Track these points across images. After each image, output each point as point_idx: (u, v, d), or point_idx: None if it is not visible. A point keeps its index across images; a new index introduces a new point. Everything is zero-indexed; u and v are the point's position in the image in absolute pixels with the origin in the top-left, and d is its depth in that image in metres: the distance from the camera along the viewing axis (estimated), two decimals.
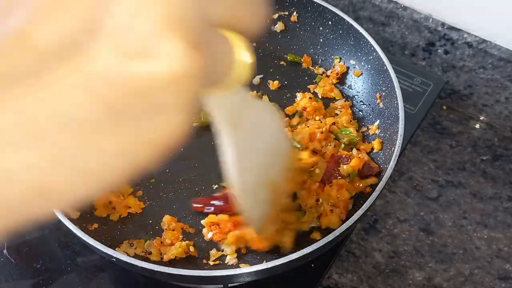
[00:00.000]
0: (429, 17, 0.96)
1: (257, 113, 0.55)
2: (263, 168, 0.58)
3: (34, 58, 0.21)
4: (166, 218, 0.71)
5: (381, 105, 0.80)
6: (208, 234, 0.69)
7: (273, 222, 0.64)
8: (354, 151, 0.76)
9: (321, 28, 0.89)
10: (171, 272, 0.58)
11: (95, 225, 0.69)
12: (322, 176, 0.74)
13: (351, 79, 0.87)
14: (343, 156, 0.75)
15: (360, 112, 0.84)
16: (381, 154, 0.75)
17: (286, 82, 0.89)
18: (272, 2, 0.91)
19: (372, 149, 0.77)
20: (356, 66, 0.86)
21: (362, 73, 0.85)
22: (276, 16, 0.92)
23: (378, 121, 0.79)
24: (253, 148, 0.54)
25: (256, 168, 0.56)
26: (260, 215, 0.60)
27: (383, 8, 0.99)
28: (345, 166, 0.73)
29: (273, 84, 0.88)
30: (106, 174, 0.24)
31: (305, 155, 0.75)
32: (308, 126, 0.78)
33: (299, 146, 0.76)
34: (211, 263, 0.68)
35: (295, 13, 0.90)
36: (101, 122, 0.22)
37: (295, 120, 0.82)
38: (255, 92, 0.86)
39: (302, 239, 0.70)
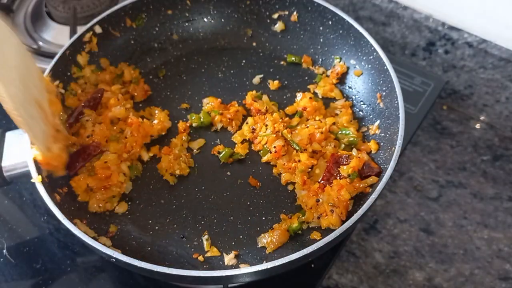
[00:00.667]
0: (429, 17, 0.96)
1: None
2: (21, 82, 0.64)
3: None
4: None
5: (381, 105, 0.80)
6: None
7: (55, 141, 0.70)
8: (354, 151, 0.76)
9: (321, 28, 0.89)
10: (170, 272, 0.58)
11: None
12: (322, 177, 0.74)
13: (351, 79, 0.86)
14: (343, 156, 0.75)
15: (361, 112, 0.84)
16: (382, 154, 0.75)
17: (286, 82, 0.89)
18: (273, 1, 0.91)
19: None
20: (357, 66, 0.86)
21: (362, 73, 0.85)
22: (276, 16, 0.92)
23: (378, 121, 0.79)
24: (3, 63, 0.61)
25: (15, 81, 0.62)
26: (39, 132, 0.66)
27: (383, 8, 0.99)
28: (345, 167, 0.73)
29: (273, 84, 0.88)
30: None
31: (304, 157, 0.75)
32: (307, 127, 0.78)
33: (297, 148, 0.76)
34: (201, 258, 0.69)
35: (295, 13, 0.90)
36: None
37: (295, 120, 0.81)
38: (254, 91, 0.86)
39: (302, 239, 0.70)
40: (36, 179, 0.65)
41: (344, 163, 0.74)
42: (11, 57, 0.64)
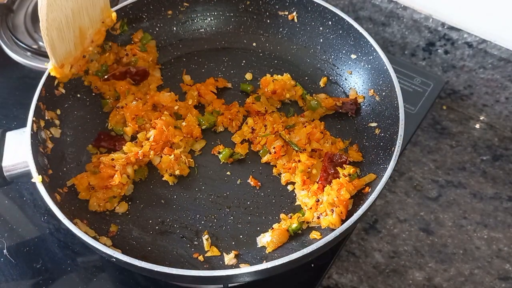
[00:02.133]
0: (429, 17, 0.96)
1: None
2: (73, 10, 0.71)
3: None
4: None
5: (381, 104, 0.80)
6: None
7: (74, 63, 0.79)
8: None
9: (321, 28, 0.89)
10: (171, 272, 0.58)
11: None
12: (319, 177, 0.74)
13: (352, 79, 0.87)
14: (337, 154, 0.75)
15: (360, 112, 0.84)
16: (381, 154, 0.75)
17: None
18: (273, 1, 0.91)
19: (374, 133, 0.77)
20: (356, 67, 0.86)
21: (361, 73, 0.85)
22: (276, 16, 0.92)
23: (377, 122, 0.79)
24: None
25: (66, 9, 0.70)
26: (63, 52, 0.75)
27: (383, 8, 0.99)
28: (344, 166, 0.73)
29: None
30: None
31: (304, 157, 0.75)
32: (305, 126, 0.78)
33: (297, 148, 0.76)
34: (201, 258, 0.69)
35: (295, 13, 0.90)
36: None
37: (292, 120, 0.82)
38: (252, 95, 0.86)
39: (302, 239, 0.70)
40: (37, 179, 0.65)
41: (339, 160, 0.74)
42: None
